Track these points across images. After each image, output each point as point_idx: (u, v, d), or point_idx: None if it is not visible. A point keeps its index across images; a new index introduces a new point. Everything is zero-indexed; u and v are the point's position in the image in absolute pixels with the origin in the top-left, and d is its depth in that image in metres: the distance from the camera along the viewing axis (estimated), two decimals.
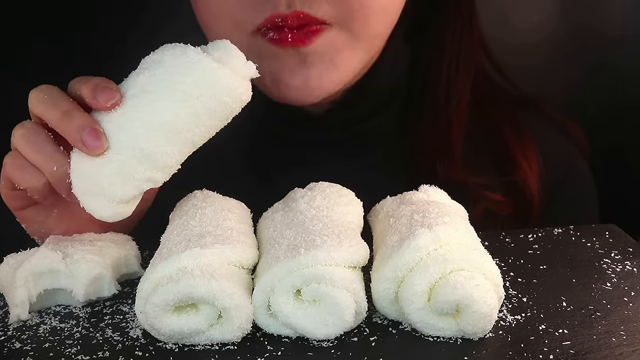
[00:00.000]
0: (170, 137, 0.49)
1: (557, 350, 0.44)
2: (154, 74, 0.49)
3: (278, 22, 0.62)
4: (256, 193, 0.58)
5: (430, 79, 0.77)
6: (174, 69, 0.49)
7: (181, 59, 0.49)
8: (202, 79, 0.49)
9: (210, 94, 0.49)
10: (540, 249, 0.59)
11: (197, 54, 0.49)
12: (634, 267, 0.55)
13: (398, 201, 0.54)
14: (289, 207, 0.54)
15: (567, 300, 0.50)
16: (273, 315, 0.46)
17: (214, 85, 0.49)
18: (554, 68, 0.99)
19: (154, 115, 0.49)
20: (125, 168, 0.49)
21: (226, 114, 0.50)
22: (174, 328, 0.45)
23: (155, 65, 0.50)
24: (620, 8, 1.00)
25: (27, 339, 0.48)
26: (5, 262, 0.52)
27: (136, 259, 0.56)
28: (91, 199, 0.51)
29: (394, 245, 0.48)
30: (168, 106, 0.49)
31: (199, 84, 0.49)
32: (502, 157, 0.77)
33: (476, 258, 0.46)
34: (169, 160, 0.50)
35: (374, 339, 0.46)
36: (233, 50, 0.50)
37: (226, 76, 0.49)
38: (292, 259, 0.46)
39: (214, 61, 0.49)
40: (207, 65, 0.49)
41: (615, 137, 0.99)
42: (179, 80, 0.49)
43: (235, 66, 0.50)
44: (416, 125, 0.77)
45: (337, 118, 0.75)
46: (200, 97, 0.49)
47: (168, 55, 0.50)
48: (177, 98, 0.49)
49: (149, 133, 0.49)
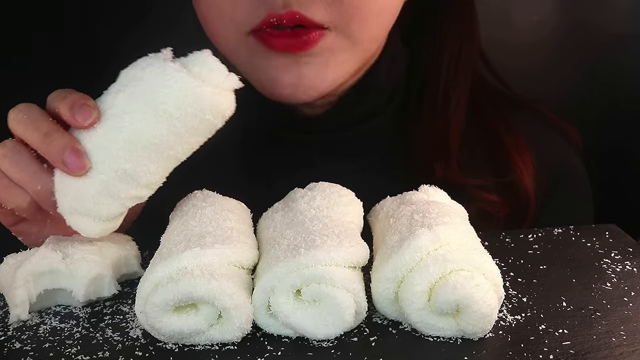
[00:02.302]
0: (153, 156, 0.49)
1: (557, 350, 0.44)
2: (134, 91, 0.48)
3: (274, 21, 0.62)
4: (255, 193, 0.58)
5: (429, 80, 0.77)
6: (154, 88, 0.48)
7: (160, 78, 0.47)
8: (184, 99, 0.47)
9: (192, 114, 0.48)
10: (540, 249, 0.59)
11: (176, 71, 0.47)
12: (634, 267, 0.55)
13: (398, 201, 0.54)
14: (289, 207, 0.54)
15: (567, 300, 0.50)
16: (273, 315, 0.46)
17: (195, 105, 0.47)
18: (555, 68, 0.99)
19: (136, 136, 0.48)
20: (110, 188, 0.49)
21: (209, 129, 0.49)
22: (174, 328, 0.45)
23: (134, 82, 0.48)
24: (622, 7, 1.00)
25: (27, 339, 0.48)
26: (5, 262, 0.52)
27: (136, 259, 0.56)
28: (77, 218, 0.51)
29: (394, 245, 0.48)
30: (150, 127, 0.48)
31: (180, 105, 0.47)
32: (497, 158, 0.77)
33: (476, 258, 0.46)
34: (153, 177, 0.50)
35: (374, 339, 0.46)
36: (214, 64, 0.48)
37: (208, 95, 0.48)
38: (292, 259, 0.46)
39: (194, 79, 0.47)
40: (187, 84, 0.47)
41: (615, 136, 0.99)
42: (160, 100, 0.47)
43: (216, 81, 0.48)
44: (414, 126, 0.77)
45: (336, 119, 0.75)
46: (181, 117, 0.48)
47: (147, 72, 0.48)
48: (159, 119, 0.48)
49: (132, 154, 0.48)
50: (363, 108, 0.75)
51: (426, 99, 0.77)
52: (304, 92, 0.66)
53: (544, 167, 0.77)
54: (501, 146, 0.77)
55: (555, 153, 0.80)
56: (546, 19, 0.99)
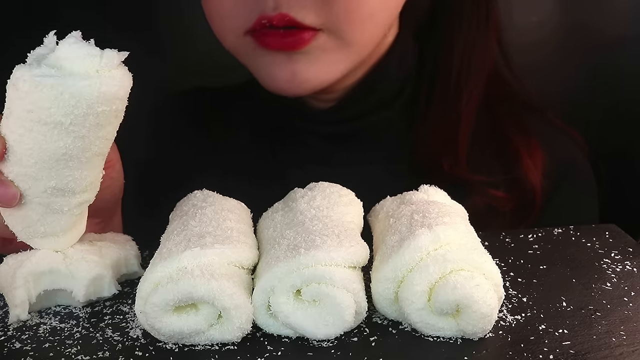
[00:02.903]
0: (72, 164, 0.47)
1: (557, 350, 0.44)
2: (20, 113, 0.44)
3: (265, 23, 0.66)
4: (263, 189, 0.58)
5: (440, 73, 0.77)
6: (35, 104, 0.44)
7: (33, 91, 0.43)
8: (66, 104, 0.43)
9: (83, 114, 0.44)
10: (540, 249, 0.59)
11: (44, 78, 0.43)
12: (634, 267, 0.55)
13: (398, 201, 0.54)
14: (288, 207, 0.54)
15: (567, 300, 0.50)
16: (273, 315, 0.46)
17: (80, 105, 0.44)
18: (555, 68, 0.99)
19: (45, 154, 0.46)
20: (50, 206, 0.49)
21: (112, 117, 0.46)
22: (174, 328, 0.45)
23: (16, 102, 0.44)
24: (622, 8, 1.00)
25: (27, 339, 0.48)
26: (5, 262, 0.52)
27: (136, 259, 0.56)
28: (39, 241, 0.51)
29: (394, 245, 0.48)
30: (52, 141, 0.45)
31: (66, 111, 0.44)
32: (507, 156, 0.78)
33: (476, 258, 0.46)
34: (85, 181, 0.48)
35: (374, 339, 0.46)
36: (82, 50, 0.43)
37: (85, 89, 0.43)
38: (292, 259, 0.46)
39: (65, 77, 0.43)
40: (60, 88, 0.43)
41: (615, 137, 0.99)
42: (46, 114, 0.44)
43: (91, 67, 0.43)
44: (424, 120, 0.77)
45: (344, 112, 0.76)
46: (75, 122, 0.44)
47: (21, 88, 0.44)
48: (56, 131, 0.44)
49: (50, 171, 0.47)
50: (371, 101, 0.76)
51: (437, 93, 0.77)
52: (298, 86, 0.69)
53: (552, 164, 0.78)
54: (510, 142, 0.78)
55: (564, 152, 0.80)
56: (546, 20, 0.99)
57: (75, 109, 0.44)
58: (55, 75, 0.43)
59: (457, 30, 0.77)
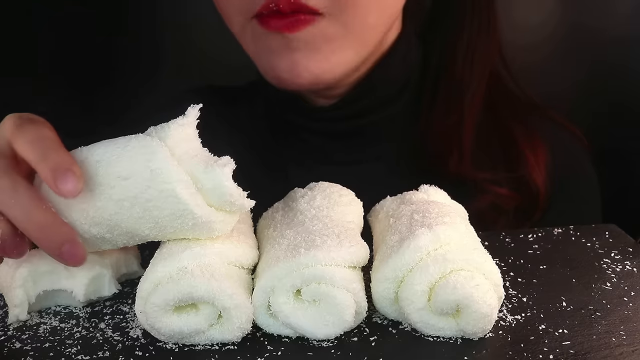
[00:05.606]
0: (131, 239, 0.48)
1: (557, 350, 0.44)
2: (126, 183, 0.45)
3: (272, 7, 0.65)
4: (266, 186, 0.58)
5: (444, 71, 0.77)
6: (148, 191, 0.45)
7: (171, 202, 0.45)
8: (179, 220, 0.46)
9: (182, 230, 0.47)
10: (540, 249, 0.59)
11: (193, 207, 0.45)
12: (634, 267, 0.55)
13: (398, 201, 0.54)
14: (289, 206, 0.54)
15: (567, 300, 0.50)
16: (273, 315, 0.46)
17: (190, 226, 0.46)
18: (555, 68, 0.99)
19: (119, 226, 0.47)
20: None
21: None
22: (174, 328, 0.45)
23: (126, 166, 0.45)
24: (622, 8, 1.00)
25: (27, 339, 0.48)
26: (5, 262, 0.52)
27: (136, 259, 0.56)
28: None
29: (394, 245, 0.48)
30: (134, 221, 0.46)
31: (173, 223, 0.46)
32: (510, 152, 0.78)
33: (476, 258, 0.46)
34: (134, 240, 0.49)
35: (374, 339, 0.46)
36: (228, 187, 0.46)
37: (214, 225, 0.47)
38: (292, 259, 0.46)
39: (208, 214, 0.46)
40: (193, 220, 0.46)
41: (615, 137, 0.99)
42: (157, 213, 0.46)
43: (228, 206, 0.47)
44: (428, 118, 0.77)
45: (347, 109, 0.76)
46: (174, 230, 0.47)
47: (140, 159, 0.45)
48: (146, 220, 0.46)
49: (112, 232, 0.47)
50: (374, 99, 0.76)
51: (440, 91, 0.77)
52: (298, 76, 0.68)
53: (556, 162, 0.78)
54: (514, 141, 0.78)
55: (567, 150, 0.81)
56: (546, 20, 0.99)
57: (179, 222, 0.46)
58: (199, 202, 0.45)
59: (460, 28, 0.77)
